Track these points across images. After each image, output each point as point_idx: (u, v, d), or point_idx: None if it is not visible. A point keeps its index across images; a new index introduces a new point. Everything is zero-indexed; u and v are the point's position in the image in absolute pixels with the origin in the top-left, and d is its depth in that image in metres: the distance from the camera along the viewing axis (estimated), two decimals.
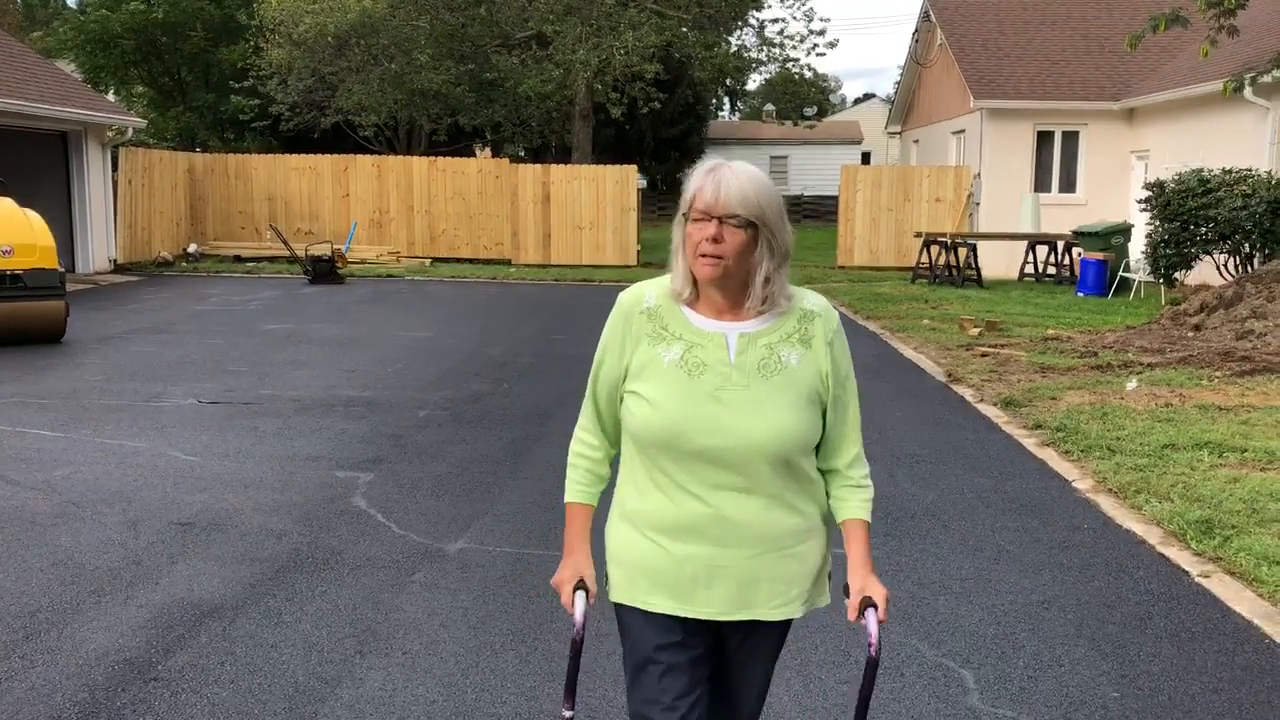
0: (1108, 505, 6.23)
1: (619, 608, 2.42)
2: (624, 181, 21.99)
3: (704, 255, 2.24)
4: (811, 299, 2.38)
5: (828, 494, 2.42)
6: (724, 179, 2.23)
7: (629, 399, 2.35)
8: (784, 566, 2.34)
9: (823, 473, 2.42)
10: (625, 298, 2.44)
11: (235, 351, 11.24)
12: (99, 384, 9.35)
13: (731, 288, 2.28)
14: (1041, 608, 4.76)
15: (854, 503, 2.40)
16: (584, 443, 2.51)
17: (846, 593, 2.38)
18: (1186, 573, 5.21)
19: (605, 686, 3.95)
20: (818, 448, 2.39)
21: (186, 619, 4.50)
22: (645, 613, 2.37)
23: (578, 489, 2.49)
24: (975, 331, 12.88)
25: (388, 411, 8.48)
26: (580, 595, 2.41)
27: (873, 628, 2.32)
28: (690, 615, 2.33)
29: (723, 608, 2.34)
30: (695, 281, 2.32)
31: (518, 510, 6.01)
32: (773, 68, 29.15)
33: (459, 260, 22.11)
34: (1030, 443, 7.70)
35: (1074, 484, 6.68)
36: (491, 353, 11.47)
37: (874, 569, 2.39)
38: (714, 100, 46.17)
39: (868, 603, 2.34)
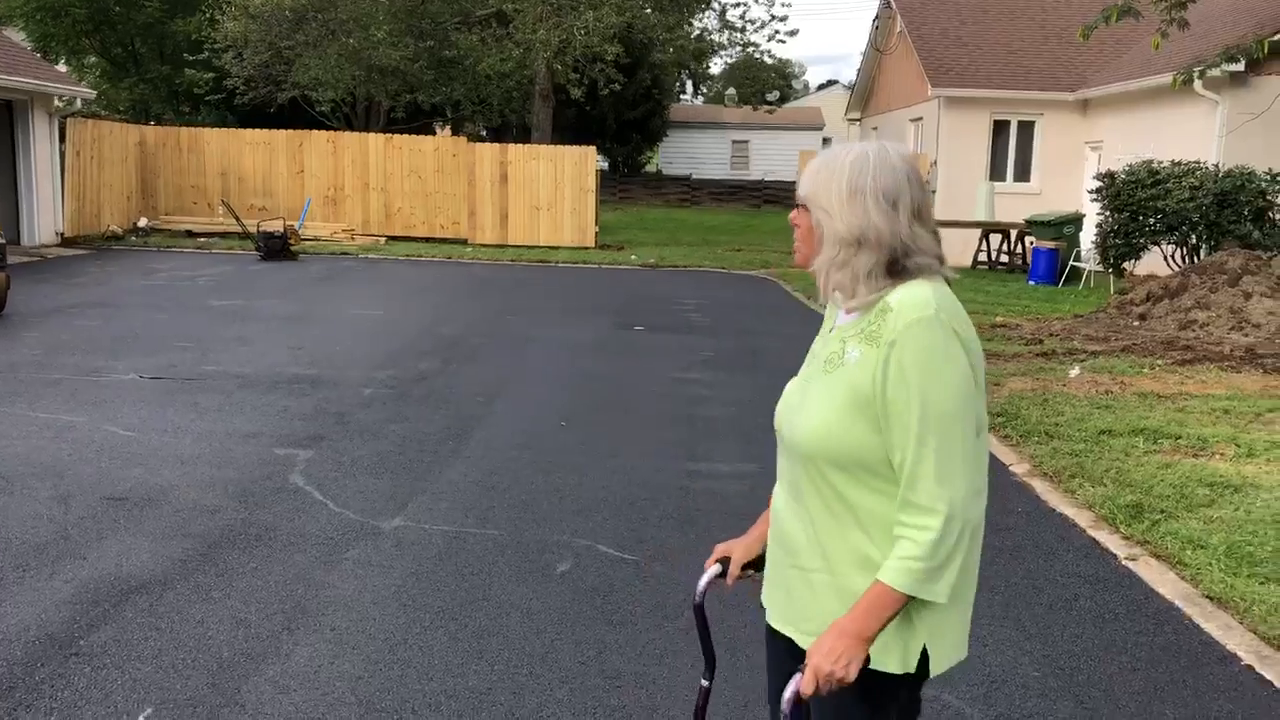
0: (1042, 489, 6.32)
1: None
2: (583, 162, 21.91)
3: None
4: (903, 292, 2.00)
5: None
6: (810, 165, 2.12)
7: None
8: (809, 588, 2.11)
9: None
10: None
11: (181, 327, 11.10)
12: (38, 358, 9.20)
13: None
14: None
15: (890, 557, 1.96)
16: None
17: None
18: (1115, 556, 5.30)
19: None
20: None
21: (112, 594, 4.45)
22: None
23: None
24: None
25: (332, 389, 8.41)
26: (714, 568, 2.36)
27: (788, 690, 1.98)
28: (767, 617, 2.25)
29: (775, 613, 2.21)
30: None
31: (457, 489, 5.99)
32: (734, 52, 29.09)
33: (415, 239, 21.95)
34: None
35: (1011, 468, 6.76)
36: (442, 332, 11.41)
37: (848, 634, 1.93)
38: (677, 83, 46.08)
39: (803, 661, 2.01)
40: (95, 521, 5.29)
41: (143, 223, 21.41)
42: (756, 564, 2.34)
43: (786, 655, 2.21)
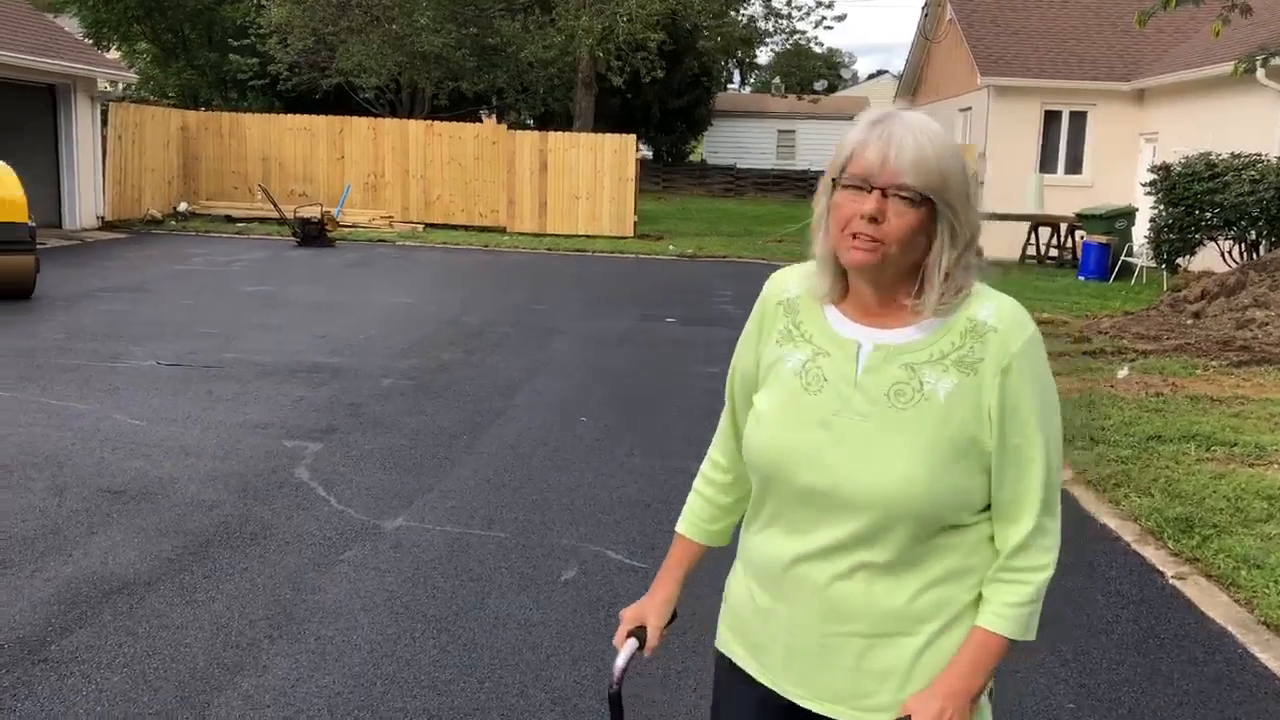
0: (1084, 498, 5.95)
1: (716, 656, 1.99)
2: (623, 151, 21.61)
3: (857, 236, 1.67)
4: (991, 303, 1.71)
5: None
6: (895, 134, 1.65)
7: (751, 412, 1.86)
8: (881, 656, 1.75)
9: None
10: (768, 283, 1.91)
11: (208, 313, 10.97)
12: (59, 342, 9.09)
13: (888, 282, 1.72)
14: None
15: (994, 603, 1.72)
16: (710, 461, 2.04)
17: None
18: (1161, 573, 4.94)
19: None
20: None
21: (93, 595, 4.25)
22: (731, 666, 1.94)
23: (688, 518, 2.04)
24: None
25: (351, 379, 8.21)
26: (630, 643, 1.97)
27: None
28: (764, 681, 1.86)
29: (799, 687, 1.82)
30: (844, 270, 1.76)
31: (465, 487, 5.74)
32: (779, 39, 28.61)
33: (453, 227, 21.79)
34: None
35: None
36: (469, 321, 11.18)
37: (957, 695, 1.70)
38: (724, 72, 45.60)
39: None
40: (88, 515, 5.10)
41: (183, 207, 21.43)
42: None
43: None
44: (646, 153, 39.96)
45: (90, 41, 29.96)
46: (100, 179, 19.44)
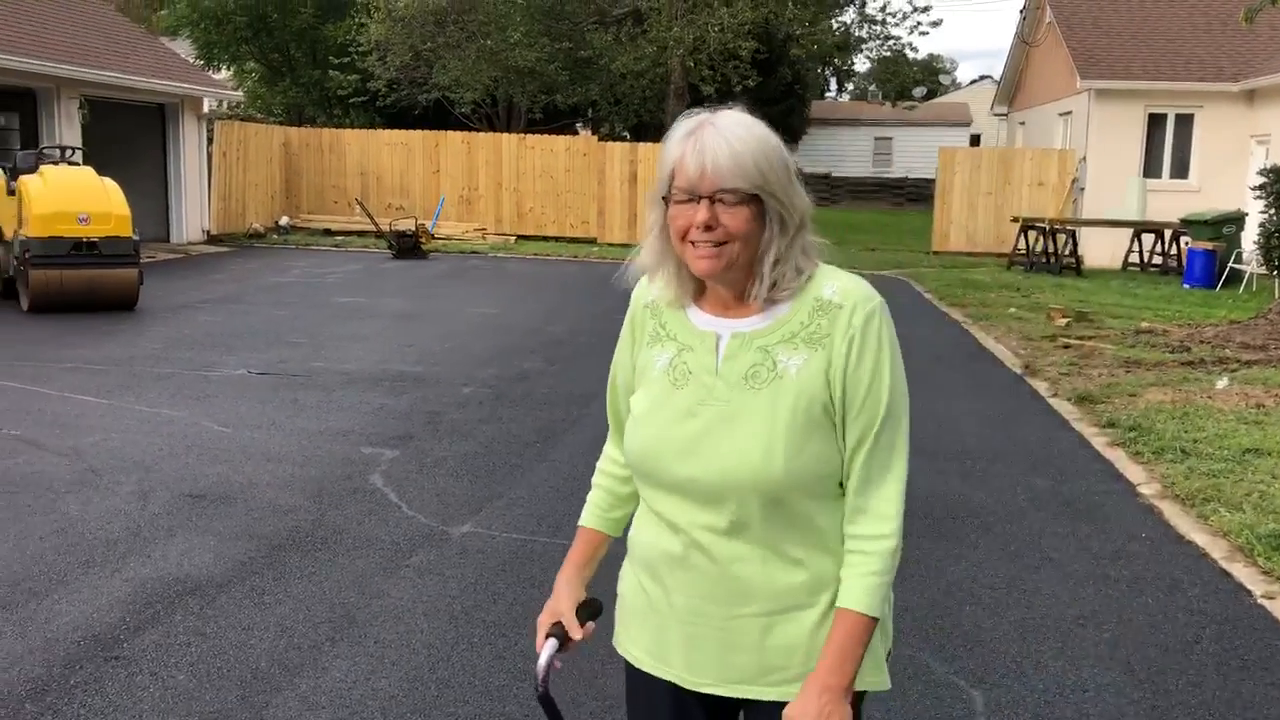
0: (1172, 513, 5.73)
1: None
2: None
3: (697, 245, 1.74)
4: (835, 282, 1.80)
5: None
6: (708, 143, 1.71)
7: (630, 414, 1.92)
8: (783, 632, 1.81)
9: None
10: (635, 289, 1.98)
11: (300, 323, 11.26)
12: (157, 352, 9.41)
13: (735, 278, 1.80)
14: (1076, 624, 4.35)
15: (846, 581, 1.77)
16: (607, 457, 2.08)
17: None
18: (1249, 592, 4.73)
19: None
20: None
21: (167, 595, 4.38)
22: (633, 668, 1.97)
23: (589, 511, 2.07)
24: (1063, 322, 12.23)
25: (432, 387, 8.33)
26: (551, 642, 1.95)
27: None
28: (668, 678, 1.89)
29: (704, 676, 1.86)
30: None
31: (535, 494, 5.78)
32: (874, 45, 28.30)
33: (544, 238, 22.01)
34: (1100, 442, 7.18)
35: (1139, 488, 6.17)
36: (553, 330, 11.27)
37: (831, 689, 1.72)
38: (819, 80, 45.28)
39: None
40: (169, 518, 5.26)
41: (284, 221, 22.05)
42: (585, 617, 1.99)
43: (701, 712, 1.91)
44: None
45: (202, 63, 31.10)
46: (206, 194, 20.12)
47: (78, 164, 12.74)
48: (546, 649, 1.96)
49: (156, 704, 3.54)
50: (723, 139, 1.72)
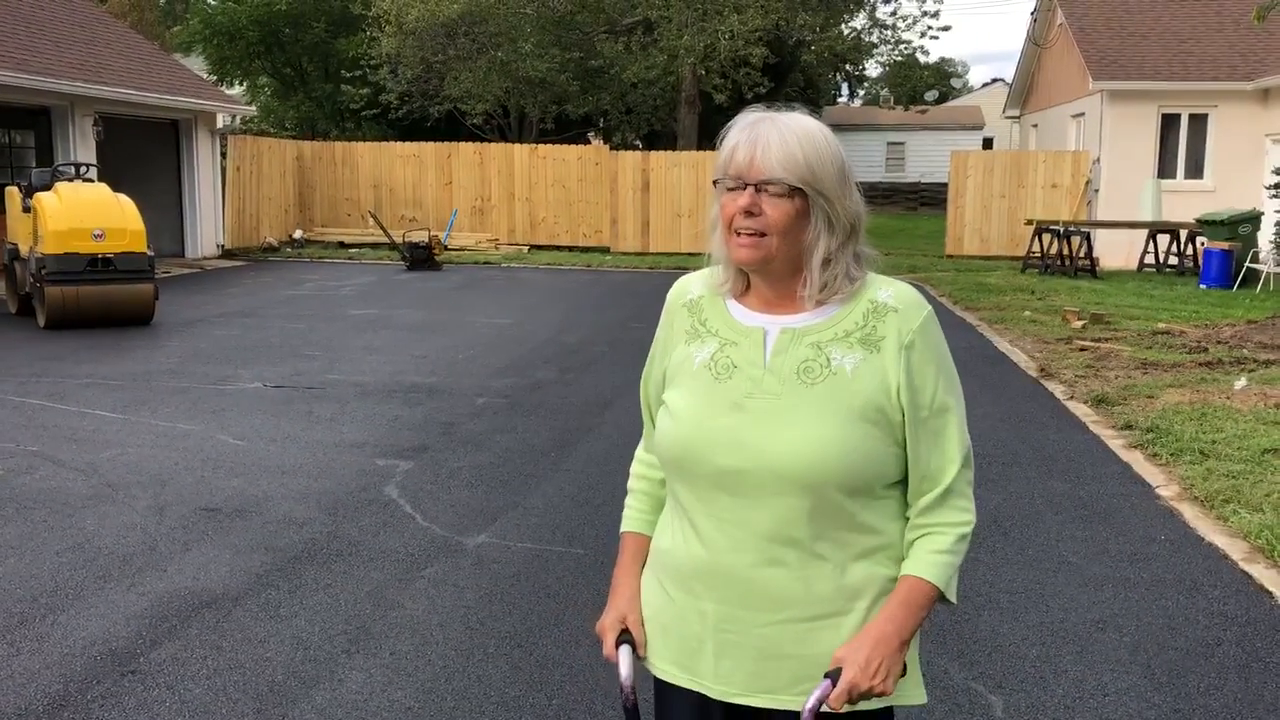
0: (1191, 515, 5.69)
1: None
2: None
3: (739, 233, 1.78)
4: (890, 288, 1.84)
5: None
6: (763, 134, 1.76)
7: (661, 410, 1.91)
8: (820, 639, 1.79)
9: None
10: (672, 289, 2.00)
11: (314, 336, 11.29)
12: (172, 366, 9.45)
13: (780, 274, 1.81)
14: (1096, 628, 4.31)
15: (918, 552, 1.80)
16: (642, 461, 2.07)
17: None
18: (1270, 594, 4.68)
19: None
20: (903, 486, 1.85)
21: (183, 609, 4.38)
22: (662, 683, 1.93)
23: (632, 515, 2.05)
24: (1079, 324, 12.16)
25: (446, 398, 8.34)
26: (625, 649, 1.91)
27: (810, 699, 1.73)
28: (694, 688, 1.86)
29: (733, 686, 1.83)
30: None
31: (550, 504, 5.77)
32: (884, 49, 28.25)
33: (557, 248, 22.04)
34: (1117, 444, 7.13)
35: (1157, 490, 6.13)
36: (566, 340, 11.27)
37: (887, 639, 1.74)
38: (832, 86, 45.20)
39: (833, 674, 1.74)
40: (185, 532, 5.27)
41: (298, 234, 22.15)
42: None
43: None
44: None
45: (215, 79, 31.29)
46: (220, 209, 20.23)
47: (92, 180, 12.82)
48: (625, 657, 1.91)
49: (173, 718, 3.54)
50: (777, 132, 1.77)
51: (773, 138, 1.75)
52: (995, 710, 3.66)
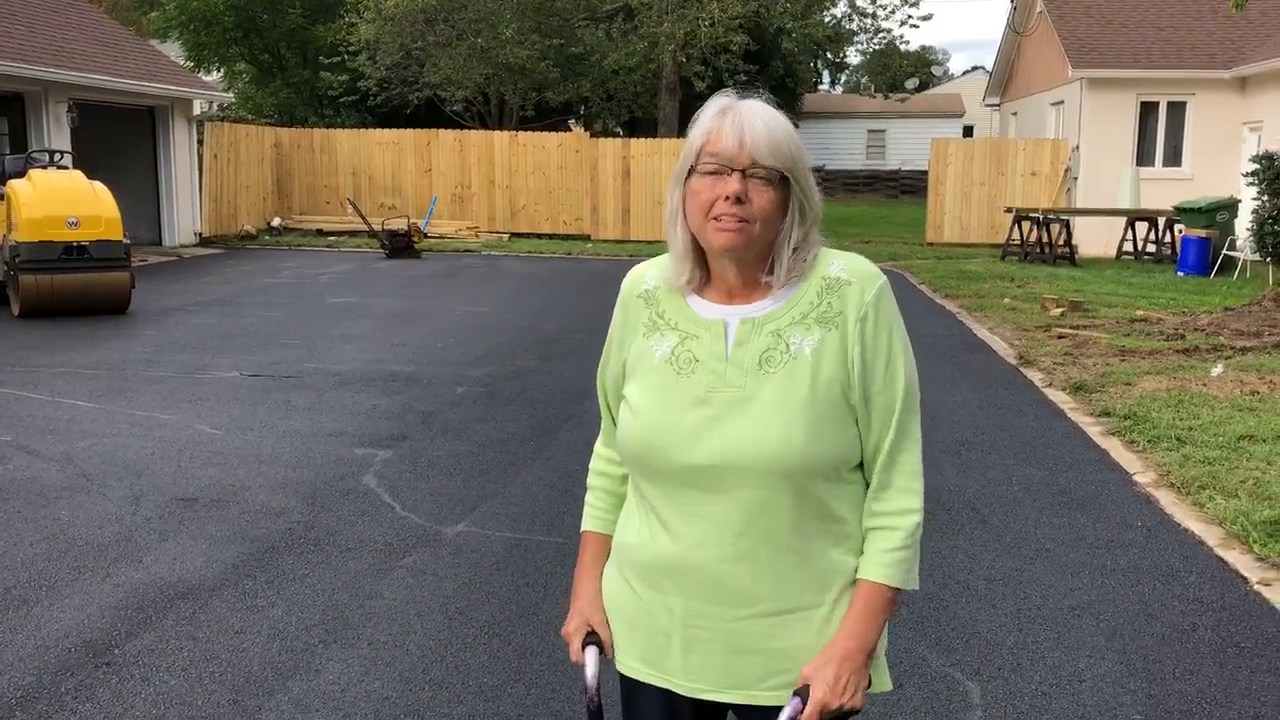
0: (1167, 501, 5.72)
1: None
2: None
3: (721, 218, 1.72)
4: (840, 260, 1.81)
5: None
6: (746, 120, 1.73)
7: (621, 405, 1.88)
8: (789, 634, 1.78)
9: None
10: (626, 280, 1.94)
11: (292, 324, 11.22)
12: (148, 355, 9.38)
13: (749, 262, 1.77)
14: (1073, 614, 4.33)
15: (870, 553, 1.78)
16: (601, 457, 2.03)
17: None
18: (1245, 579, 4.72)
19: None
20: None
21: (159, 600, 4.35)
22: (628, 679, 1.91)
23: (592, 514, 2.01)
24: (1057, 312, 12.22)
25: (425, 387, 8.30)
26: (592, 650, 1.89)
27: (781, 718, 1.72)
28: (660, 684, 1.84)
29: (702, 682, 1.81)
30: (704, 259, 1.81)
31: (529, 493, 5.76)
32: (863, 38, 28.24)
33: (538, 236, 21.98)
34: (1095, 431, 7.17)
35: (1134, 477, 6.16)
36: (546, 328, 11.25)
37: (853, 656, 1.74)
38: (812, 74, 45.17)
39: (801, 692, 1.73)
40: (161, 523, 5.23)
41: (276, 222, 22.00)
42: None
43: (690, 717, 1.88)
44: None
45: (192, 65, 30.99)
46: (197, 196, 20.07)
47: (67, 168, 12.69)
48: (591, 658, 1.89)
49: (148, 709, 3.51)
50: (760, 119, 1.74)
51: (758, 124, 1.73)
52: (972, 697, 3.68)
